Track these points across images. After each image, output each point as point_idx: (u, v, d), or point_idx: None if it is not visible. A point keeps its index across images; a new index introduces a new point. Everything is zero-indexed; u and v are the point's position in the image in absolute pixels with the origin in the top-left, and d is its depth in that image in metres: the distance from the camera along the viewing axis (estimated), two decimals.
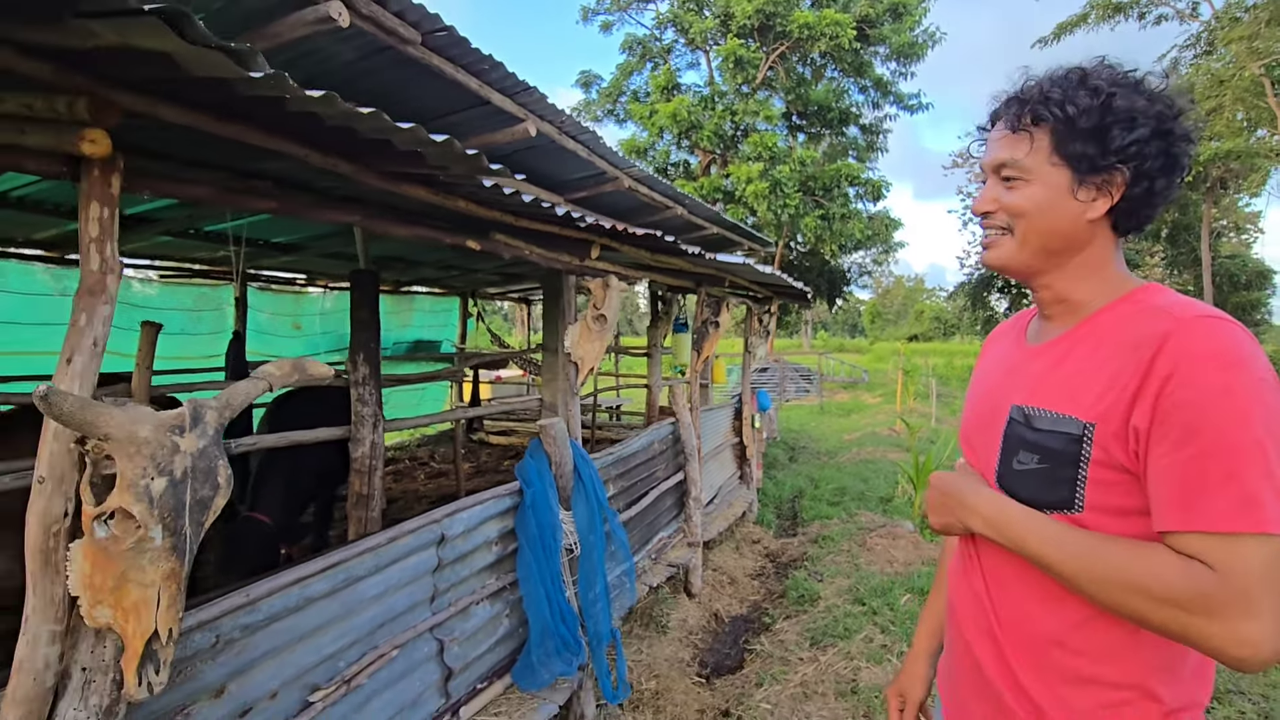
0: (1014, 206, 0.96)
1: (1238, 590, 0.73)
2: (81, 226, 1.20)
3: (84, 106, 1.12)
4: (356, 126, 1.31)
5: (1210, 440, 0.77)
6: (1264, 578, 0.73)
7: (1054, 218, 0.94)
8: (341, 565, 1.85)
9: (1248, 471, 0.75)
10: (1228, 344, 0.79)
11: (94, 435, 1.05)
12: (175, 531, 1.14)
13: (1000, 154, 0.98)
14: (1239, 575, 0.74)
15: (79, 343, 1.16)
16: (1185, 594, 0.75)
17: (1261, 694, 3.20)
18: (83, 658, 1.18)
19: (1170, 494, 0.79)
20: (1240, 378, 0.77)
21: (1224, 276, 23.66)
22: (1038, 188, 0.94)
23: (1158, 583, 0.77)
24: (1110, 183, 0.92)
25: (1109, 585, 0.81)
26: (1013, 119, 0.96)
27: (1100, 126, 0.90)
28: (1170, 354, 0.80)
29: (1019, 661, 0.96)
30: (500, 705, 2.50)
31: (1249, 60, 15.02)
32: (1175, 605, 0.76)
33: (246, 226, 3.86)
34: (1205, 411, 0.77)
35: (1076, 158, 0.92)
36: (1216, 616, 0.74)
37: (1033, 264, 0.98)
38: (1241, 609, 0.73)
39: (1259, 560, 0.74)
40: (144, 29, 0.91)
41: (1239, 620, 0.73)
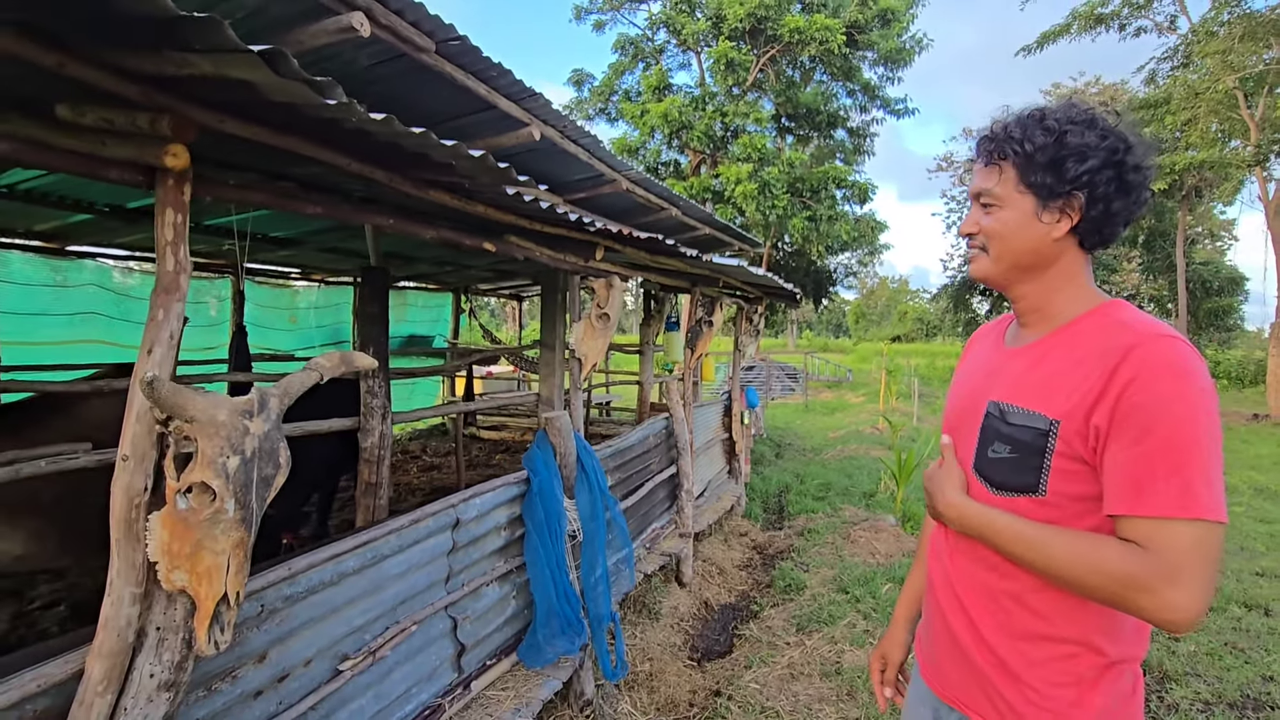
0: (989, 229, 1.13)
1: (1168, 566, 0.88)
2: (158, 231, 1.32)
3: (167, 124, 1.25)
4: (403, 143, 1.45)
5: (1161, 439, 0.91)
6: (1190, 555, 0.88)
7: (1023, 237, 1.09)
8: (370, 544, 1.98)
9: (1189, 466, 0.90)
10: (1181, 360, 0.94)
11: (181, 417, 1.19)
12: (244, 505, 1.28)
13: (978, 184, 1.15)
14: (1170, 553, 0.89)
15: (158, 335, 1.29)
16: (1121, 573, 0.91)
17: (1216, 676, 3.43)
18: (157, 618, 1.31)
19: (1123, 483, 0.94)
20: (1190, 387, 0.93)
21: (1197, 282, 24.26)
22: (1008, 212, 1.10)
23: (1099, 565, 0.93)
24: (1070, 206, 1.07)
25: (1056, 568, 0.97)
26: (985, 154, 1.13)
27: (1056, 159, 1.05)
28: (1132, 363, 0.95)
29: (984, 623, 1.12)
30: (507, 681, 2.65)
31: (1223, 73, 15.46)
32: (1114, 582, 0.91)
33: (247, 221, 3.95)
34: (1159, 414, 0.92)
35: (1038, 186, 1.07)
36: (1147, 590, 0.89)
37: (1008, 276, 1.14)
38: (1170, 581, 0.88)
39: (1188, 540, 0.89)
40: (241, 63, 1.04)
41: (1168, 591, 0.87)
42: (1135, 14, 18.48)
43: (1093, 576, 0.93)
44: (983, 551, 1.12)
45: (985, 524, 1.06)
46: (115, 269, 5.31)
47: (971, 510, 1.09)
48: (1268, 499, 7.75)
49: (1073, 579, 0.96)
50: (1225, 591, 4.50)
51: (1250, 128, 16.23)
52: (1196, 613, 0.87)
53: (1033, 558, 0.99)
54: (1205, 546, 0.89)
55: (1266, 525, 6.46)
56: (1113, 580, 0.91)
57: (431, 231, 2.20)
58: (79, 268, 4.99)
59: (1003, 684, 1.10)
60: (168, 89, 1.26)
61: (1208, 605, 0.88)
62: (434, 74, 2.09)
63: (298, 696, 1.79)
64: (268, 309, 6.66)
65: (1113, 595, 0.93)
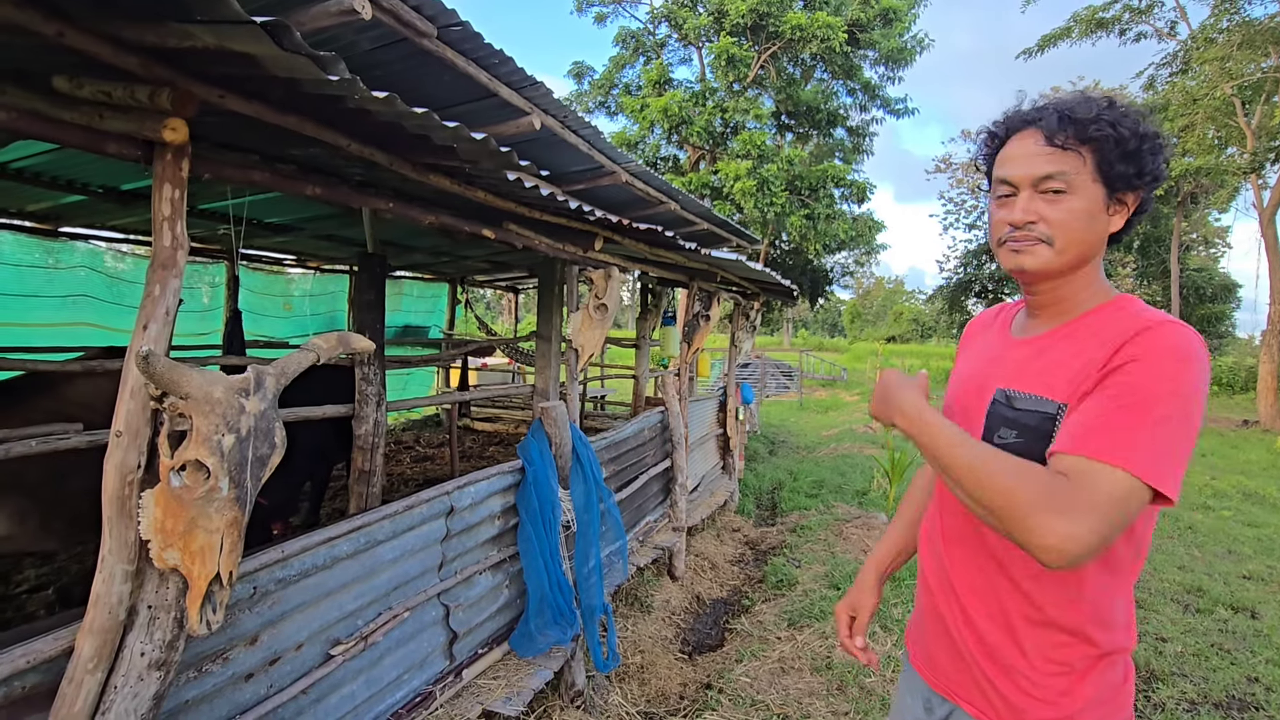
0: (1056, 219, 1.03)
1: (1082, 500, 0.86)
2: (155, 206, 1.31)
3: (167, 98, 1.23)
4: (405, 124, 1.44)
5: (1137, 401, 0.91)
6: (1104, 501, 0.86)
7: (1091, 231, 1.04)
8: (364, 529, 1.98)
9: (1145, 429, 0.89)
10: (1185, 345, 0.94)
11: (176, 394, 1.18)
12: (239, 484, 1.27)
13: (1046, 167, 1.03)
14: (1086, 491, 0.87)
15: (154, 311, 1.27)
16: (1040, 493, 0.87)
17: (1203, 676, 3.46)
18: (148, 596, 1.30)
19: (1076, 426, 0.93)
20: (1187, 372, 0.93)
21: (1191, 289, 24.42)
22: (1080, 202, 1.02)
23: (1025, 482, 0.88)
24: (1127, 200, 1.06)
25: (988, 480, 0.91)
26: (1060, 136, 1.03)
27: (1137, 151, 1.01)
28: (1137, 344, 0.95)
29: (977, 612, 1.12)
30: (499, 670, 2.64)
31: (1221, 80, 15.53)
32: (1028, 500, 0.87)
33: (243, 207, 3.92)
34: (1148, 384, 0.92)
35: (1115, 177, 1.02)
36: (1044, 512, 0.85)
37: (1063, 271, 1.07)
38: (1072, 512, 0.85)
39: (1108, 486, 0.87)
40: (243, 35, 1.03)
41: (1060, 520, 0.84)
42: (1136, 19, 18.53)
43: (1005, 483, 0.89)
44: (980, 540, 1.12)
45: (938, 433, 0.99)
46: (107, 252, 5.26)
47: (928, 416, 1.01)
48: (1256, 504, 7.81)
49: (989, 485, 0.90)
50: (1213, 594, 4.54)
51: (1247, 135, 16.30)
52: (1072, 551, 0.84)
53: (967, 465, 0.93)
54: (1123, 503, 0.87)
55: (1254, 529, 6.51)
56: (1028, 498, 0.87)
57: (431, 217, 2.19)
58: (71, 250, 4.95)
59: (995, 673, 1.10)
60: (168, 62, 1.24)
61: (1087, 552, 0.84)
62: (435, 60, 2.07)
63: (289, 680, 1.79)
64: (262, 295, 6.62)
65: (1011, 513, 0.88)
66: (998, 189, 1.11)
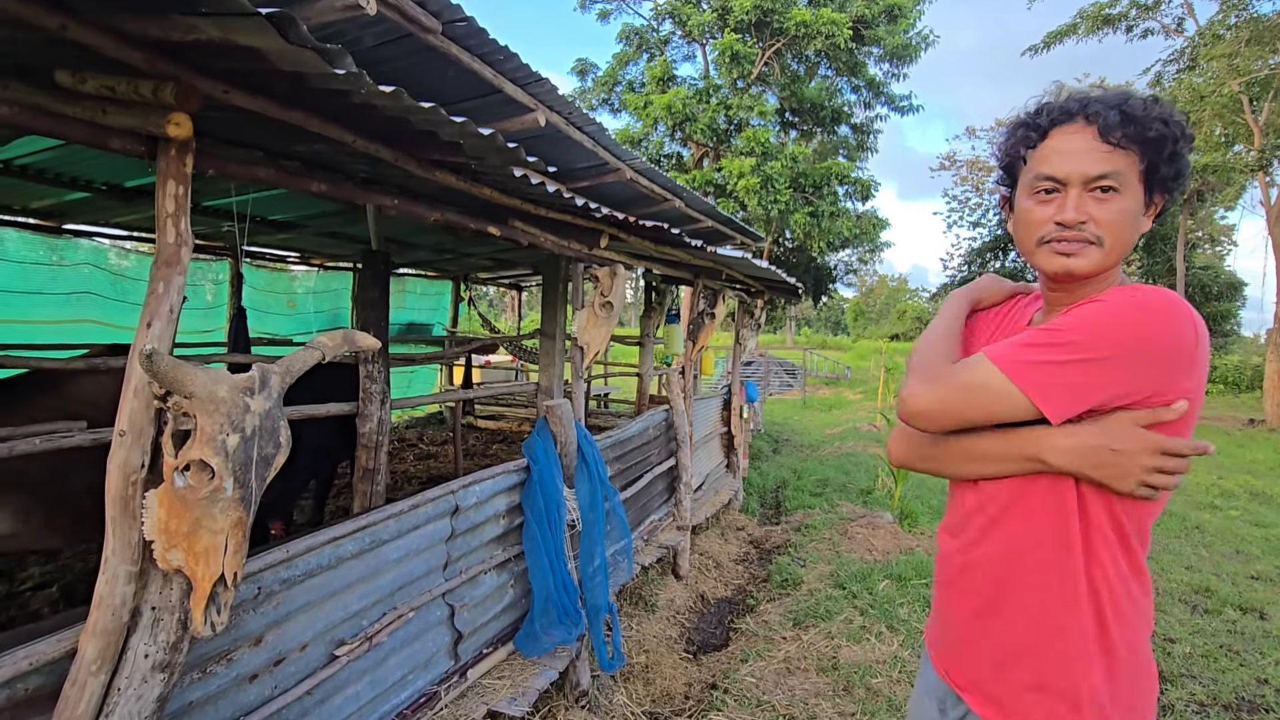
0: (1106, 220, 1.00)
1: (955, 380, 1.03)
2: (159, 202, 1.29)
3: (170, 92, 1.21)
4: (411, 118, 1.41)
5: (1069, 329, 0.97)
6: (961, 378, 1.03)
7: (1134, 232, 1.02)
8: (369, 528, 1.96)
9: (1052, 353, 0.96)
10: (1161, 303, 0.94)
11: (180, 393, 1.16)
12: (244, 484, 1.25)
13: (1102, 166, 0.99)
14: (962, 374, 1.03)
15: (158, 309, 1.26)
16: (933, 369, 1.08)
17: (1211, 678, 3.43)
18: (152, 598, 1.29)
19: (1012, 344, 1.02)
20: (1144, 319, 0.94)
21: (1196, 287, 24.29)
22: (1129, 202, 1.00)
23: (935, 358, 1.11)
24: (1158, 203, 1.05)
25: (923, 341, 1.19)
26: (1117, 134, 0.98)
27: (1178, 153, 1.00)
28: (1108, 294, 0.98)
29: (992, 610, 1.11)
30: (503, 670, 2.63)
31: (1229, 77, 15.42)
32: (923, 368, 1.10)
33: (247, 204, 3.90)
34: (1090, 318, 0.96)
35: (1159, 180, 1.01)
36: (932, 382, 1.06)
37: (1107, 269, 1.04)
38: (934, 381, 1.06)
39: (981, 376, 1.01)
40: (248, 27, 1.01)
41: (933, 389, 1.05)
42: (1143, 16, 18.40)
43: (924, 350, 1.15)
44: (998, 539, 1.10)
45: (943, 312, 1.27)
46: (112, 249, 5.26)
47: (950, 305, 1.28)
48: (1263, 504, 7.77)
49: (920, 346, 1.18)
50: (1221, 594, 4.51)
51: (1254, 132, 16.20)
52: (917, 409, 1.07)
53: (927, 333, 1.22)
54: (980, 384, 1.01)
55: (1262, 529, 6.47)
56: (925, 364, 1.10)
57: (435, 214, 2.17)
58: (74, 247, 4.95)
59: (1007, 674, 1.09)
60: (172, 56, 1.22)
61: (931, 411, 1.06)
62: (440, 55, 2.05)
63: (293, 681, 1.77)
64: (265, 293, 6.62)
65: (914, 369, 1.12)
66: (1038, 185, 1.05)
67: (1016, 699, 1.07)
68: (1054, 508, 1.03)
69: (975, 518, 1.13)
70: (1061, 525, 1.02)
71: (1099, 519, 1.01)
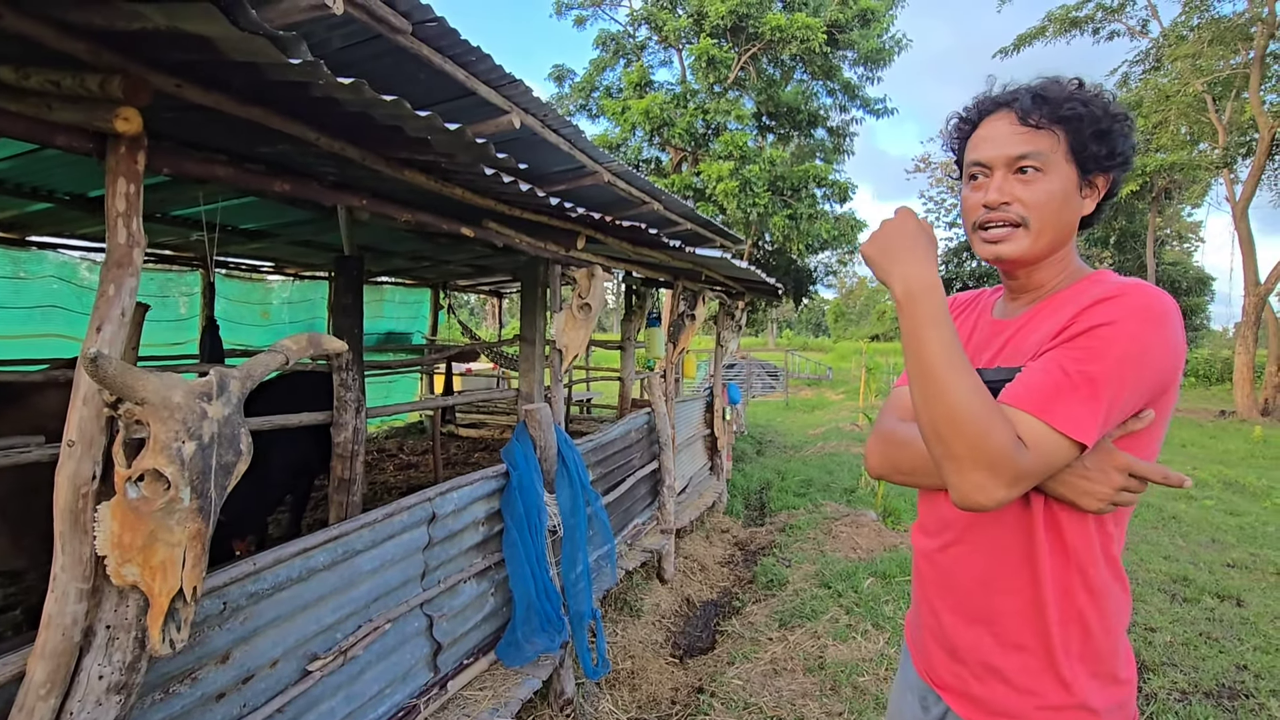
0: (1031, 200, 1.01)
1: (1027, 468, 0.86)
2: (108, 202, 1.24)
3: (118, 85, 1.16)
4: (374, 113, 1.38)
5: (1101, 369, 0.89)
6: (1047, 466, 0.89)
7: (1066, 212, 1.02)
8: (342, 539, 1.90)
9: (1101, 397, 0.88)
10: (1160, 307, 0.92)
11: (131, 399, 1.11)
12: (202, 494, 1.20)
13: (1021, 147, 1.01)
14: (1038, 458, 0.88)
15: (108, 312, 1.20)
16: (998, 452, 0.85)
17: (1192, 666, 3.46)
18: (106, 616, 1.23)
19: (1042, 385, 0.90)
20: (1153, 333, 0.91)
21: (1167, 282, 24.84)
22: (1055, 183, 1.01)
23: (991, 432, 0.85)
24: (1097, 183, 1.04)
25: (955, 408, 0.87)
26: (1035, 115, 1.00)
27: (1108, 131, 1.00)
28: (1113, 303, 0.93)
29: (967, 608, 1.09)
30: (485, 681, 2.57)
31: (1193, 77, 15.81)
32: (977, 447, 0.85)
33: (216, 212, 3.82)
34: (1113, 345, 0.90)
35: (1088, 158, 1.01)
36: (992, 472, 0.85)
37: (1041, 255, 1.04)
38: (1015, 478, 0.86)
39: (1058, 454, 0.89)
40: (195, 14, 0.97)
41: (1002, 482, 0.85)
42: (1109, 18, 18.84)
43: (969, 426, 0.85)
44: (975, 537, 1.08)
45: (931, 323, 0.91)
46: (83, 263, 5.13)
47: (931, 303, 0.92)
48: (1236, 493, 7.92)
49: (953, 415, 0.86)
50: (1199, 583, 4.56)
51: (1218, 131, 16.62)
52: (996, 502, 0.87)
53: (943, 373, 0.88)
54: (1059, 462, 0.90)
55: (1236, 518, 6.59)
56: (979, 444, 0.85)
57: (407, 215, 2.12)
58: (39, 259, 4.82)
59: (985, 671, 1.07)
60: (119, 47, 1.17)
61: (995, 505, 0.88)
62: (410, 57, 2.01)
63: (263, 699, 1.71)
64: (239, 303, 6.49)
65: (960, 453, 0.86)
66: (970, 171, 1.08)
67: (997, 700, 1.05)
68: (1031, 512, 1.01)
69: (952, 522, 1.11)
70: (1038, 528, 1.00)
71: (1078, 520, 0.99)
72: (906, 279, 0.94)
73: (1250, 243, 16.60)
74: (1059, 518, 0.99)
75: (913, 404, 0.94)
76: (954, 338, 0.91)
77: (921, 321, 0.91)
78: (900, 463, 1.13)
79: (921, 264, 0.95)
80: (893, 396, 1.26)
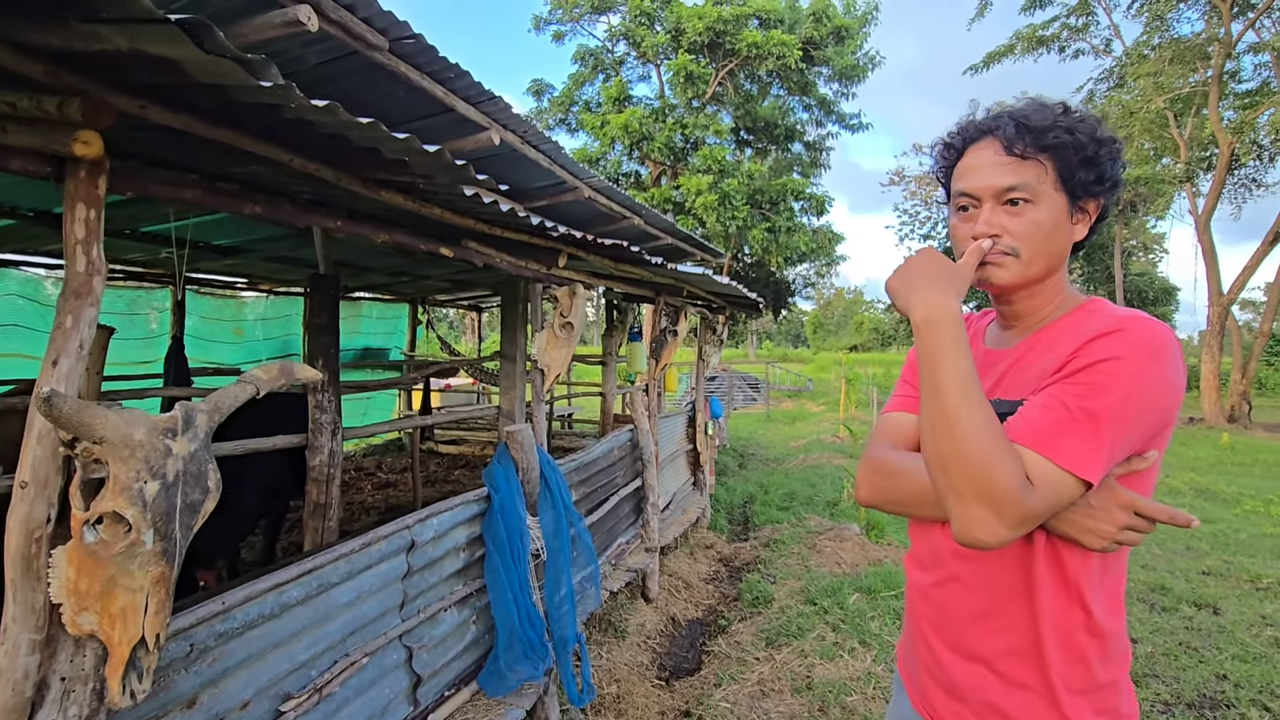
0: (1021, 231, 1.00)
1: (1033, 506, 0.85)
2: (66, 228, 1.18)
3: (77, 108, 1.11)
4: (350, 135, 1.33)
5: (1105, 405, 0.87)
6: (1048, 501, 0.87)
7: (1057, 241, 1.02)
8: (316, 572, 1.83)
9: (1105, 434, 0.87)
10: (1161, 342, 0.91)
11: (89, 438, 1.04)
12: (166, 535, 1.14)
13: (1008, 179, 1.00)
14: (1044, 496, 0.86)
15: (65, 345, 1.14)
16: (1002, 485, 0.83)
17: (1174, 676, 3.49)
18: (61, 667, 1.15)
19: (1045, 422, 0.89)
20: (1156, 370, 0.89)
21: (1134, 293, 25.47)
22: (1044, 212, 1.00)
23: (1000, 469, 0.84)
24: (1089, 208, 1.03)
25: (967, 441, 0.85)
26: (1020, 145, 1.00)
27: (1095, 158, 0.99)
28: (1111, 339, 0.91)
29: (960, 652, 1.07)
30: (467, 712, 2.50)
31: (1155, 94, 16.31)
32: (986, 483, 0.83)
33: (187, 228, 3.72)
34: (1117, 382, 0.88)
35: (1077, 185, 1.00)
36: (997, 507, 0.83)
37: (1032, 282, 1.04)
38: (1021, 515, 0.84)
39: (1065, 492, 0.87)
40: (158, 36, 0.92)
41: (1006, 521, 0.84)
42: (1074, 37, 19.40)
43: (977, 458, 0.84)
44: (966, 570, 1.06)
45: (949, 351, 0.90)
46: (48, 280, 4.98)
47: (948, 330, 0.91)
48: (1208, 499, 8.07)
49: (963, 446, 0.85)
50: (1176, 591, 4.62)
51: (1180, 146, 17.13)
52: (1000, 540, 0.85)
53: (956, 411, 0.87)
54: (1065, 500, 0.88)
55: (1210, 525, 6.70)
56: (986, 479, 0.83)
57: (384, 235, 2.07)
58: (3, 277, 4.66)
59: (992, 707, 1.04)
60: (78, 69, 1.12)
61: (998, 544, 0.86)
62: (387, 74, 1.97)
63: None
64: (211, 321, 6.34)
65: (965, 486, 0.85)
66: (958, 201, 1.07)
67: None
68: (1032, 548, 0.99)
69: (947, 556, 1.09)
70: (1039, 563, 0.98)
71: (1080, 557, 0.97)
72: (926, 306, 0.94)
73: (1213, 254, 17.10)
74: (1061, 555, 0.97)
75: (921, 431, 0.92)
76: (971, 367, 0.90)
77: (939, 347, 0.91)
78: (893, 493, 1.11)
79: (941, 293, 0.95)
80: (882, 423, 1.24)
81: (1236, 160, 16.14)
